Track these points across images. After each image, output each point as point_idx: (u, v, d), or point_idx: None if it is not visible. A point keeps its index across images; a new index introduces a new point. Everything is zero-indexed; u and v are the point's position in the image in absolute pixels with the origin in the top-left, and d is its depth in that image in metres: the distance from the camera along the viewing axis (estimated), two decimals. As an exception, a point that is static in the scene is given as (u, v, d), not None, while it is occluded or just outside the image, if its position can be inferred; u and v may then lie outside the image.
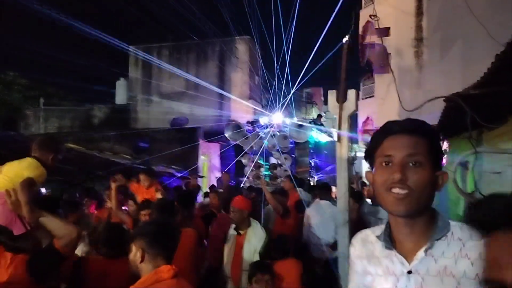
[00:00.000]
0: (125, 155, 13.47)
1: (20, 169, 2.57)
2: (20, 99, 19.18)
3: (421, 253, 1.18)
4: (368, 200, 6.01)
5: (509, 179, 3.18)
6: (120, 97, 17.90)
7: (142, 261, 2.03)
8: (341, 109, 3.67)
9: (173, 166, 13.20)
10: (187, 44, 17.19)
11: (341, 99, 3.64)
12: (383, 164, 1.23)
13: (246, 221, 4.02)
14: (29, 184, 2.48)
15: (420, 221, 1.21)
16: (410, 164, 1.19)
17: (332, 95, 3.71)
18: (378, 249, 1.29)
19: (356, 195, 5.10)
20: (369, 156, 1.31)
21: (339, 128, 3.75)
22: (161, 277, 1.99)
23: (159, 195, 4.65)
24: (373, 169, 1.30)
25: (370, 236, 1.35)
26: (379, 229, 1.32)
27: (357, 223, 4.52)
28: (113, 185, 4.65)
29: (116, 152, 13.43)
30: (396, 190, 1.18)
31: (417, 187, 1.17)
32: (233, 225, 4.15)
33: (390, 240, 1.25)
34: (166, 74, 17.18)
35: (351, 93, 3.69)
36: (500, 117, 2.74)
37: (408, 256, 1.21)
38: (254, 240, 3.94)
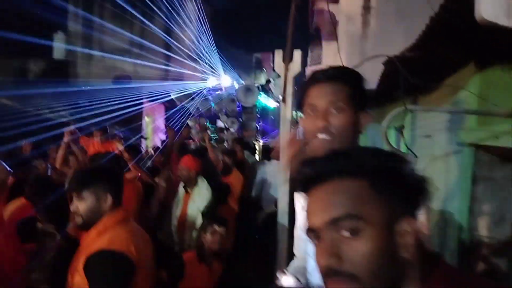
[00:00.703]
0: (63, 112, 12.83)
1: None
2: None
3: None
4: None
5: (438, 143, 3.41)
6: (58, 51, 16.75)
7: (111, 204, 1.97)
8: (286, 69, 3.69)
9: (115, 126, 12.78)
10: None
11: (287, 59, 3.66)
12: (309, 112, 1.33)
13: (194, 180, 4.15)
14: None
15: None
16: (333, 111, 1.28)
17: (278, 55, 3.73)
18: None
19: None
20: (300, 104, 1.40)
21: (284, 88, 3.78)
22: (121, 216, 1.98)
23: (119, 146, 4.57)
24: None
25: None
26: None
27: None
28: (66, 138, 4.64)
29: (54, 109, 12.75)
30: (321, 136, 1.29)
31: (340, 132, 1.27)
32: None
33: None
34: (109, 28, 16.24)
35: (297, 54, 3.71)
36: (434, 81, 2.89)
37: None
38: (198, 199, 4.06)
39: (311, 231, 0.82)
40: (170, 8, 16.29)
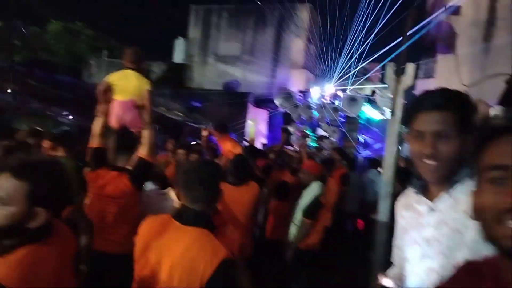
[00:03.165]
0: (178, 112, 13.98)
1: (139, 81, 3.05)
2: (85, 49, 20.14)
3: (442, 193, 1.35)
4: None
5: None
6: (178, 55, 18.31)
7: None
8: (398, 82, 3.66)
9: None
10: (247, 8, 17.16)
11: (399, 72, 3.63)
12: (417, 136, 1.35)
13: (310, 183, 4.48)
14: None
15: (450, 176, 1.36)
16: (441, 139, 1.30)
17: (390, 67, 3.71)
18: (413, 198, 1.48)
19: (402, 172, 5.14)
20: (406, 122, 1.43)
21: (394, 101, 3.76)
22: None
23: (239, 150, 5.01)
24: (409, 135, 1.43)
25: (410, 190, 1.54)
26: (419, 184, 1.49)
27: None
28: (205, 133, 5.46)
29: (170, 108, 13.95)
30: (427, 162, 1.31)
31: (447, 158, 1.30)
32: None
33: (423, 190, 1.43)
34: (224, 36, 17.34)
35: (410, 67, 3.66)
36: None
37: (434, 199, 1.39)
38: (305, 197, 4.36)
39: (499, 169, 0.85)
40: (281, 17, 16.83)
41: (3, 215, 1.34)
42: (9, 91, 7.76)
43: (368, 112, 13.52)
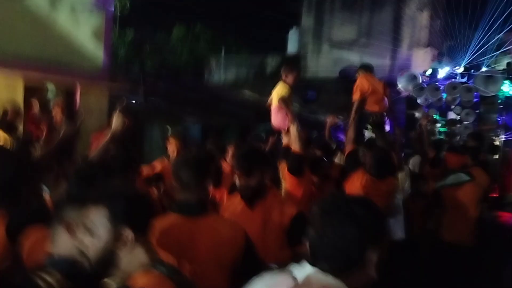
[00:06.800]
0: (294, 103, 13.99)
1: (280, 90, 4.19)
2: (205, 49, 21.35)
3: None
4: None
5: None
6: (292, 46, 18.27)
7: None
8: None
9: (339, 117, 13.16)
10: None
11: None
12: None
13: None
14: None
15: None
16: None
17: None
18: None
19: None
20: None
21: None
22: None
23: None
24: None
25: None
26: None
27: None
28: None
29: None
30: None
31: None
32: None
33: None
34: (338, 21, 16.72)
35: None
36: None
37: None
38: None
39: None
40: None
41: None
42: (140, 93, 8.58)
43: (509, 89, 11.78)
